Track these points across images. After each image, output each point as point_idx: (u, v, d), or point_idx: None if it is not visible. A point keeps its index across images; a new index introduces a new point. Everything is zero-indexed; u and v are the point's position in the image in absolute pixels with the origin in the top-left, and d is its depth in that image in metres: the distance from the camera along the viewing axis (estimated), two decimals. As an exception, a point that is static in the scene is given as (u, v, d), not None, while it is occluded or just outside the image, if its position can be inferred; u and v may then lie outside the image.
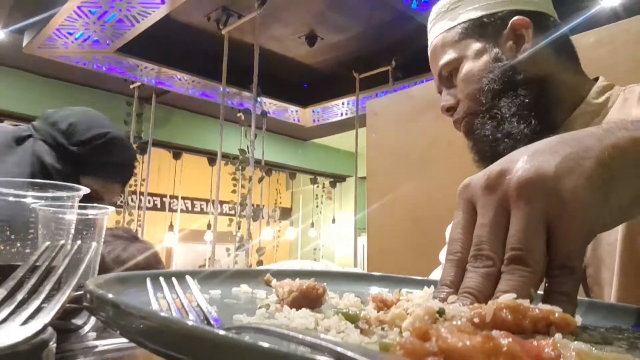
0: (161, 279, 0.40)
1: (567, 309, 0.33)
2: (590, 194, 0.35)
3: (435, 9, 0.93)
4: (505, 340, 0.20)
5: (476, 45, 0.85)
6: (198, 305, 0.34)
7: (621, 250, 0.68)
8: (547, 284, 0.36)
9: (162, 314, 0.23)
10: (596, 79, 0.84)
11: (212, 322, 0.31)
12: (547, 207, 0.35)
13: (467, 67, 0.85)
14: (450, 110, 0.89)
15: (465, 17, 0.87)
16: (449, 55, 0.87)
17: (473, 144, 0.87)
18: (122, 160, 1.19)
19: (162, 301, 0.35)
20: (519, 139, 0.78)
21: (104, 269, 1.18)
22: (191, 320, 0.30)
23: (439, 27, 0.90)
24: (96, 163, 1.12)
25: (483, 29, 0.85)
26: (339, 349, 0.17)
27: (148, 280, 0.39)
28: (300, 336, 0.19)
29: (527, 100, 0.79)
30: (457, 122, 0.88)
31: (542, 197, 0.35)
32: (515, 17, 0.83)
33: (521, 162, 0.37)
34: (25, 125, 1.12)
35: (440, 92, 0.92)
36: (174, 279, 0.40)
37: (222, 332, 0.19)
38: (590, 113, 0.79)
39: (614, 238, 0.69)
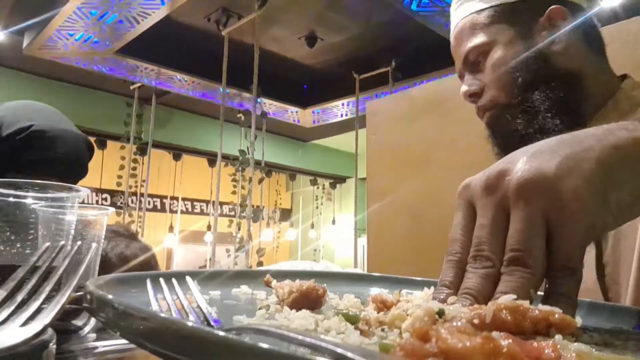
0: (161, 279, 0.40)
1: (567, 310, 0.33)
2: (590, 194, 0.35)
3: None
4: (505, 341, 0.20)
5: (509, 31, 0.81)
6: (198, 306, 0.34)
7: (639, 253, 0.67)
8: (547, 285, 0.35)
9: (162, 315, 0.23)
10: (623, 76, 0.81)
11: (212, 323, 0.31)
12: (546, 207, 0.35)
13: (498, 53, 0.80)
14: (473, 96, 0.84)
15: (499, 0, 0.81)
16: (479, 39, 0.82)
17: (496, 136, 0.83)
18: (54, 156, 1.07)
19: (162, 302, 0.35)
20: (552, 134, 0.75)
21: (107, 265, 1.16)
22: (191, 321, 0.30)
23: (468, 8, 0.85)
24: (26, 159, 1.03)
25: (517, 14, 0.81)
26: (339, 350, 0.17)
27: (148, 281, 0.38)
28: (300, 337, 0.19)
29: (561, 94, 0.76)
30: (481, 109, 0.84)
31: (541, 197, 0.35)
32: (554, 6, 0.79)
33: (521, 162, 0.37)
34: None
35: (461, 77, 0.88)
36: (174, 280, 0.40)
37: (222, 333, 0.19)
38: (624, 107, 0.76)
39: (632, 238, 0.68)
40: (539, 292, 0.35)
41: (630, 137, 0.39)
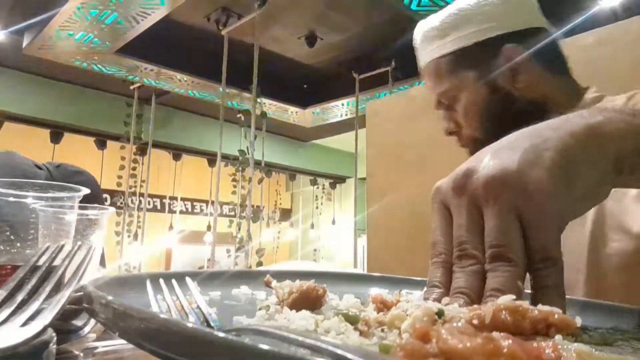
0: (161, 280, 0.40)
1: (557, 301, 0.34)
2: (553, 183, 0.36)
3: (420, 32, 0.91)
4: (505, 341, 0.20)
5: (472, 75, 0.84)
6: (198, 307, 0.34)
7: (587, 261, 0.71)
8: (532, 279, 0.36)
9: (162, 315, 0.23)
10: (586, 88, 0.83)
11: (212, 324, 0.31)
12: (515, 201, 0.36)
13: (465, 99, 0.84)
14: (452, 134, 0.90)
15: (457, 45, 0.84)
16: (445, 85, 0.86)
17: None
18: None
19: (161, 303, 0.35)
20: None
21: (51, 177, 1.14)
22: (191, 322, 0.30)
23: (430, 51, 0.88)
24: None
25: (476, 58, 0.83)
26: (339, 351, 0.17)
27: (148, 282, 0.39)
28: (300, 338, 0.19)
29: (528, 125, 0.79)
30: (463, 146, 0.89)
31: (508, 192, 0.36)
32: (506, 47, 0.81)
33: (485, 160, 0.38)
34: None
35: (437, 110, 0.91)
36: (173, 281, 0.40)
37: (222, 334, 0.19)
38: None
39: (573, 240, 0.71)
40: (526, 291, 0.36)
41: (585, 124, 0.40)
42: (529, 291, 0.36)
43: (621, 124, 0.41)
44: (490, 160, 0.38)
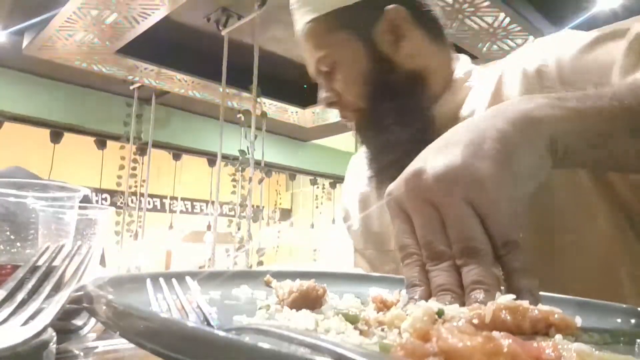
0: (161, 279, 0.40)
1: (527, 282, 0.35)
2: (498, 170, 0.37)
3: None
4: (505, 341, 0.20)
5: (350, 40, 0.78)
6: (198, 306, 0.34)
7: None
8: (501, 267, 0.37)
9: (162, 314, 0.23)
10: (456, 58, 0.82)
11: (212, 323, 0.31)
12: (466, 194, 0.37)
13: (344, 66, 0.79)
14: (331, 105, 0.83)
15: (337, 4, 0.76)
16: (323, 50, 0.79)
17: (362, 140, 0.83)
18: None
19: (162, 302, 0.35)
20: (398, 145, 0.75)
21: None
22: (191, 321, 0.30)
23: (307, 11, 0.80)
24: None
25: (356, 19, 0.77)
26: (339, 350, 0.17)
27: (148, 281, 0.39)
28: (301, 337, 0.19)
29: (407, 101, 0.76)
30: (345, 118, 0.84)
31: (458, 187, 0.37)
32: (389, 7, 0.76)
33: (430, 160, 0.39)
34: None
35: (316, 81, 0.84)
36: (174, 280, 0.40)
37: (222, 333, 0.19)
38: (461, 94, 0.78)
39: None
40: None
41: (519, 111, 0.42)
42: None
43: (551, 108, 0.43)
44: (436, 158, 0.39)
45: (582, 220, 0.68)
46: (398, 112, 0.77)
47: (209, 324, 0.31)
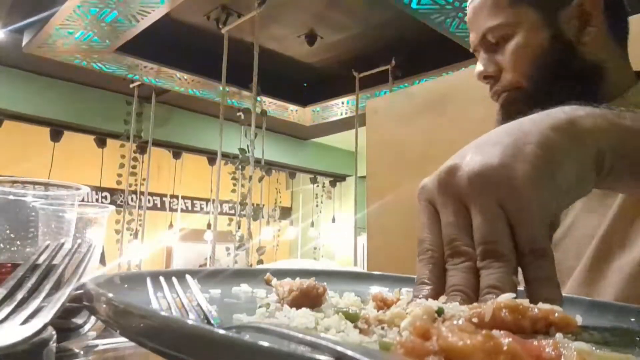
0: (161, 278, 0.40)
1: (553, 292, 0.34)
2: (537, 176, 0.36)
3: None
4: (505, 339, 0.20)
5: (535, 16, 0.74)
6: (198, 305, 0.34)
7: (594, 251, 0.68)
8: (524, 273, 0.36)
9: (162, 313, 0.23)
10: (638, 73, 0.77)
11: (212, 322, 0.31)
12: (499, 196, 0.36)
13: (521, 39, 0.74)
14: (488, 78, 0.78)
15: None
16: (501, 19, 0.75)
17: (505, 120, 0.78)
18: None
19: (162, 300, 0.35)
20: None
21: None
22: (191, 319, 0.30)
23: None
24: None
25: None
26: (339, 348, 0.17)
27: (148, 280, 0.39)
28: (301, 335, 0.19)
29: (581, 88, 0.72)
30: (497, 93, 0.78)
31: (492, 188, 0.36)
32: None
33: (468, 157, 0.38)
34: None
35: (475, 51, 0.81)
36: (174, 279, 0.40)
37: (222, 332, 0.19)
38: (636, 101, 0.72)
39: (581, 233, 0.69)
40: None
41: (566, 118, 0.40)
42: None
43: (603, 121, 0.41)
44: (473, 156, 0.38)
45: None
46: (566, 102, 0.73)
47: (209, 322, 0.31)
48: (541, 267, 0.35)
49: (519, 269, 0.36)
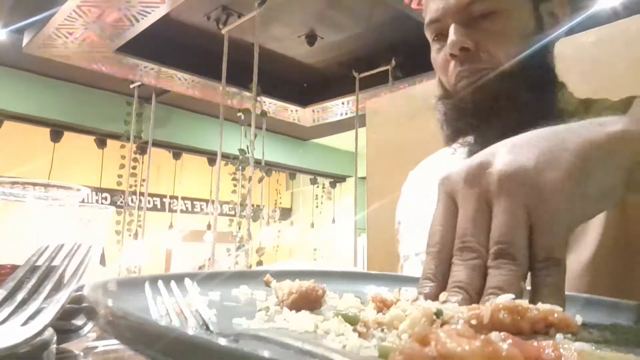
0: (160, 282, 0.39)
1: (557, 301, 0.33)
2: (570, 186, 0.36)
3: None
4: (504, 343, 0.20)
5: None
6: (197, 310, 0.34)
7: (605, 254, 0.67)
8: (533, 278, 0.35)
9: (159, 321, 0.23)
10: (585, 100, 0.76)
11: (211, 328, 0.31)
12: (528, 200, 0.35)
13: (508, 19, 0.71)
14: (463, 51, 0.71)
15: None
16: None
17: (477, 107, 0.72)
18: None
19: (160, 306, 0.35)
20: (529, 126, 0.69)
21: None
22: (190, 327, 0.30)
23: None
24: None
25: None
26: (337, 359, 0.17)
27: (147, 284, 0.38)
28: (299, 344, 0.19)
29: (545, 96, 0.71)
30: (465, 72, 0.73)
31: (523, 190, 0.36)
32: None
33: (501, 155, 0.38)
34: None
35: (436, 21, 0.75)
36: (172, 283, 0.40)
37: (220, 342, 0.19)
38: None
39: (589, 235, 0.68)
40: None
41: (603, 132, 0.40)
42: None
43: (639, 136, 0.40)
44: (507, 155, 0.37)
45: None
46: (546, 89, 0.71)
47: (207, 329, 0.31)
48: (552, 276, 0.35)
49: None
